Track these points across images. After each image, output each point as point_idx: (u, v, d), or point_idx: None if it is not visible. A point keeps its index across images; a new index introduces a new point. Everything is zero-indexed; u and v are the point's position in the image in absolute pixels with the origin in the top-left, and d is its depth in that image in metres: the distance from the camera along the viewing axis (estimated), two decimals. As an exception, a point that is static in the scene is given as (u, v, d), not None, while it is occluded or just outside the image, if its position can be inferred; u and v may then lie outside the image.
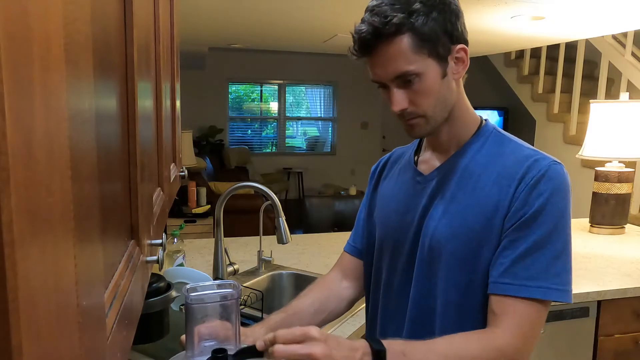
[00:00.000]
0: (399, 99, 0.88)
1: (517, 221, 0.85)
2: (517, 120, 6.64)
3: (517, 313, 0.84)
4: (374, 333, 1.07)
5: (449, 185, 0.94)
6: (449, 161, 0.96)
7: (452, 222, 0.91)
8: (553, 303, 0.87)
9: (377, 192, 1.11)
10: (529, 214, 0.85)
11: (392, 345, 0.78)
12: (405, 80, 0.87)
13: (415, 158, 1.04)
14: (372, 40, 0.85)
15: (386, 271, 1.03)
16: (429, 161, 1.00)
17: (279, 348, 0.73)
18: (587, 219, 2.64)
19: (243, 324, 1.61)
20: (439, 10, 0.85)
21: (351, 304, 1.14)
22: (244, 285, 1.71)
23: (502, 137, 0.96)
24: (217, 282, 0.93)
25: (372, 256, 1.07)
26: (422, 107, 0.89)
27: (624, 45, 4.40)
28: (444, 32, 0.86)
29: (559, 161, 0.90)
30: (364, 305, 1.64)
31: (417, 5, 0.84)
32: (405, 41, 0.84)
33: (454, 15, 0.87)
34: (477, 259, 0.89)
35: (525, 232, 0.85)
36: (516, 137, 0.98)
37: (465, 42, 0.91)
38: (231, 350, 0.79)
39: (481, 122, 0.98)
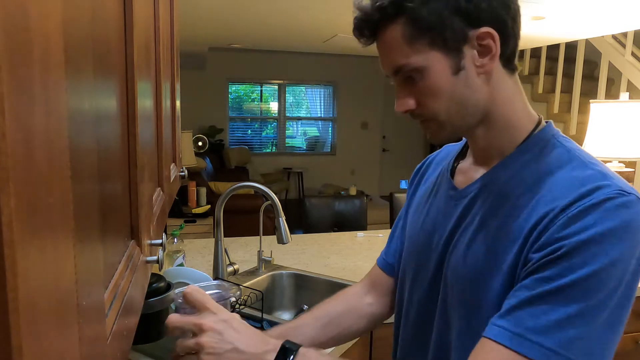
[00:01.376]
0: (402, 99, 0.74)
1: (543, 258, 0.62)
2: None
3: None
4: (396, 339, 0.93)
5: (482, 208, 0.74)
6: (487, 175, 0.76)
7: (476, 256, 0.72)
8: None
9: (414, 198, 0.94)
10: (563, 250, 0.61)
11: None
12: (407, 77, 0.72)
13: (455, 165, 0.85)
14: (365, 27, 0.73)
15: (407, 299, 0.88)
16: (468, 172, 0.81)
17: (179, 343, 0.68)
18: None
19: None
20: None
21: (374, 323, 0.98)
22: (244, 285, 1.71)
23: (562, 150, 0.72)
24: (216, 282, 0.90)
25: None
26: (430, 109, 0.72)
27: (624, 45, 4.40)
28: (454, 12, 0.67)
29: (634, 191, 0.64)
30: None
31: None
32: (398, 29, 0.69)
33: None
34: (485, 294, 0.70)
35: (549, 271, 0.62)
36: (581, 149, 0.73)
37: (498, 22, 0.68)
38: None
39: (537, 125, 0.75)
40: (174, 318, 0.70)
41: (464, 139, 0.87)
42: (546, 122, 0.77)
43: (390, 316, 1.00)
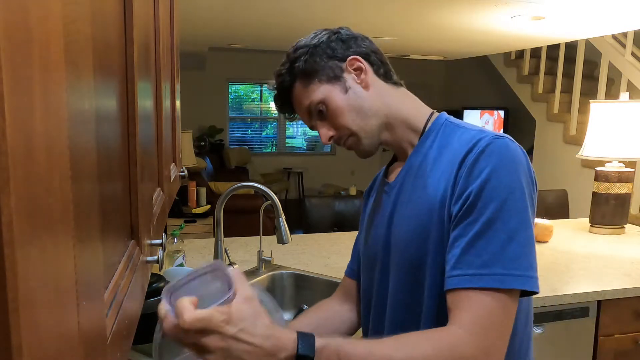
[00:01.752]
0: (323, 131, 0.93)
1: (462, 207, 0.78)
2: (517, 120, 6.64)
3: (472, 306, 0.73)
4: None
5: (407, 189, 0.91)
6: (405, 164, 0.94)
7: (409, 225, 0.87)
8: (539, 297, 0.77)
9: (366, 211, 1.08)
10: (472, 195, 0.77)
11: (325, 350, 0.69)
12: (317, 112, 0.93)
13: (387, 169, 1.04)
14: (281, 99, 0.97)
15: (368, 284, 1.00)
16: (395, 169, 0.99)
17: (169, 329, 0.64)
18: (587, 219, 2.64)
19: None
20: (315, 45, 0.92)
21: (355, 327, 1.08)
22: (244, 285, 1.70)
23: (452, 127, 0.91)
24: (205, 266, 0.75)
25: None
26: (342, 126, 0.92)
27: (624, 45, 4.40)
28: (327, 58, 0.92)
29: (507, 135, 0.82)
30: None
31: (297, 52, 0.93)
32: (298, 86, 0.94)
33: (331, 42, 0.92)
34: (423, 256, 0.84)
35: (471, 216, 0.77)
36: (470, 123, 0.92)
37: (357, 52, 0.93)
38: None
39: (430, 116, 0.95)
40: (170, 330, 0.64)
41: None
42: (436, 113, 0.96)
43: None
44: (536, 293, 0.78)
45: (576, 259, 2.10)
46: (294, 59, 0.94)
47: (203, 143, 7.02)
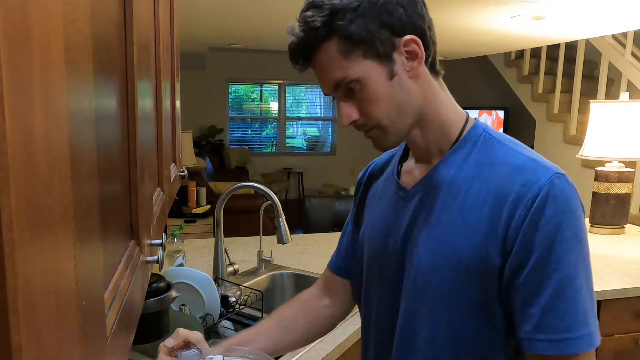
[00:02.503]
0: (346, 111, 0.78)
1: (529, 259, 0.71)
2: (517, 120, 6.64)
3: None
4: (367, 355, 0.96)
5: (433, 205, 0.80)
6: (431, 174, 0.82)
7: (437, 251, 0.78)
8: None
9: (364, 204, 0.98)
10: (542, 248, 0.70)
11: None
12: (347, 90, 0.76)
13: (400, 167, 0.90)
14: (300, 52, 0.77)
15: (375, 299, 0.91)
16: (412, 172, 0.86)
17: None
18: (587, 219, 2.64)
19: (243, 324, 1.61)
20: (369, 2, 0.72)
21: (332, 324, 1.04)
22: (244, 285, 1.71)
23: (493, 142, 0.80)
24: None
25: (361, 277, 0.95)
26: (373, 116, 0.77)
27: (624, 45, 4.39)
28: (380, 26, 0.73)
29: (560, 170, 0.75)
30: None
31: (341, 2, 0.72)
32: (332, 47, 0.74)
33: (391, 4, 0.73)
34: (468, 294, 0.76)
35: (547, 269, 0.71)
36: (510, 139, 0.82)
37: (417, 30, 0.76)
38: None
39: (466, 122, 0.82)
40: None
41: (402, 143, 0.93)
42: (473, 119, 0.84)
43: (347, 315, 1.06)
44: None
45: (576, 259, 2.10)
46: (334, 9, 0.72)
47: (205, 143, 7.02)
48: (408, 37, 0.74)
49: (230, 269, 1.75)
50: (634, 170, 2.60)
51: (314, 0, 0.75)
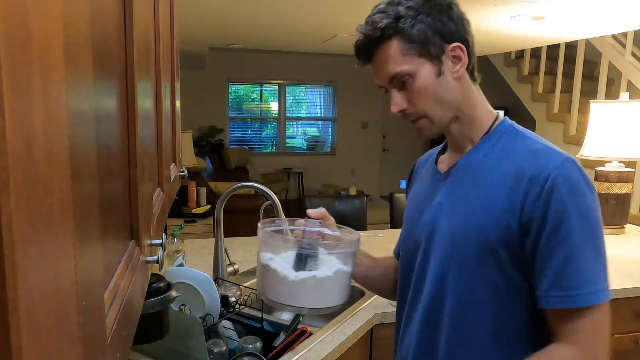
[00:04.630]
0: (397, 100, 0.92)
1: (544, 232, 0.83)
2: (517, 120, 6.58)
3: (578, 325, 0.83)
4: (397, 332, 1.08)
5: (462, 183, 0.95)
6: (462, 159, 0.97)
7: (463, 221, 0.91)
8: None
9: (411, 193, 1.12)
10: (554, 222, 0.82)
11: None
12: (401, 82, 0.90)
13: (438, 158, 1.06)
14: (365, 48, 0.92)
15: (406, 271, 1.04)
16: (447, 160, 1.02)
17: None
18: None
19: (243, 324, 1.61)
20: (427, 12, 0.88)
21: (387, 293, 1.19)
22: (244, 285, 1.70)
23: (517, 134, 0.95)
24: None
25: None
26: (420, 106, 0.91)
27: (624, 45, 4.40)
28: (434, 32, 0.89)
29: (570, 156, 0.88)
30: (365, 304, 1.64)
31: (404, 10, 0.88)
32: (394, 45, 0.89)
33: (445, 15, 0.90)
34: (489, 257, 0.88)
35: (558, 238, 0.83)
36: (532, 132, 0.97)
37: (463, 40, 0.91)
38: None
39: (496, 119, 0.98)
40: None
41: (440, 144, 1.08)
42: (502, 117, 0.99)
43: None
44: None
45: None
46: (398, 15, 0.88)
47: (205, 143, 7.02)
48: (456, 44, 0.90)
49: (230, 269, 1.75)
50: (634, 170, 2.60)
51: (381, 7, 0.91)
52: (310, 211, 1.03)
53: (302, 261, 0.92)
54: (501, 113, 1.01)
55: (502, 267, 0.87)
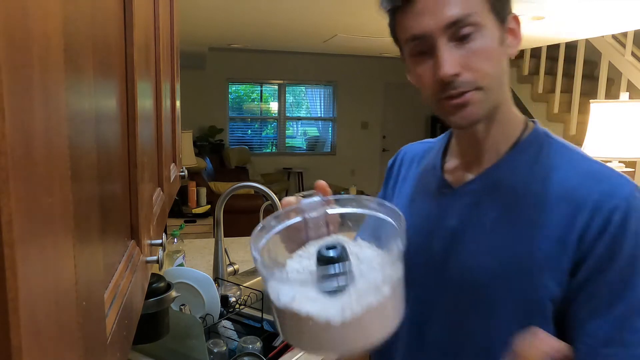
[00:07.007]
0: (452, 59, 0.66)
1: (608, 273, 0.66)
2: (517, 120, 6.64)
3: None
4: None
5: (491, 209, 0.73)
6: (487, 174, 0.75)
7: (499, 260, 0.71)
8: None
9: (394, 194, 0.91)
10: (624, 265, 0.65)
11: None
12: (459, 35, 0.66)
13: (443, 164, 0.84)
14: None
15: (411, 297, 0.84)
16: (458, 170, 0.80)
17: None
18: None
19: (243, 324, 1.61)
20: None
21: None
22: (244, 285, 1.70)
23: (558, 146, 0.74)
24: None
25: None
26: (480, 72, 0.67)
27: (624, 45, 4.39)
28: None
29: (636, 183, 0.71)
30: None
31: None
32: None
33: None
34: (521, 299, 0.70)
35: (621, 286, 0.66)
36: (575, 146, 0.76)
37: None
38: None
39: (526, 125, 0.77)
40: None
41: (435, 138, 0.88)
42: (532, 121, 0.78)
43: None
44: None
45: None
46: None
47: (206, 143, 7.02)
48: (514, 14, 0.72)
49: (230, 269, 1.75)
50: (634, 170, 2.60)
51: None
52: (316, 184, 0.78)
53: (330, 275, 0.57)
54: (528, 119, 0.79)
55: (537, 310, 0.69)
